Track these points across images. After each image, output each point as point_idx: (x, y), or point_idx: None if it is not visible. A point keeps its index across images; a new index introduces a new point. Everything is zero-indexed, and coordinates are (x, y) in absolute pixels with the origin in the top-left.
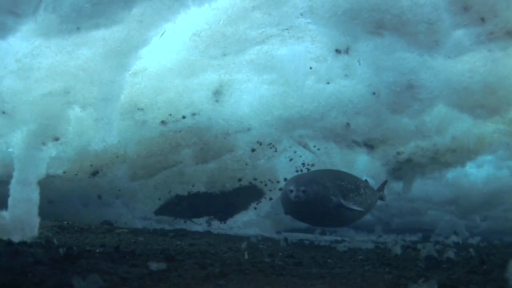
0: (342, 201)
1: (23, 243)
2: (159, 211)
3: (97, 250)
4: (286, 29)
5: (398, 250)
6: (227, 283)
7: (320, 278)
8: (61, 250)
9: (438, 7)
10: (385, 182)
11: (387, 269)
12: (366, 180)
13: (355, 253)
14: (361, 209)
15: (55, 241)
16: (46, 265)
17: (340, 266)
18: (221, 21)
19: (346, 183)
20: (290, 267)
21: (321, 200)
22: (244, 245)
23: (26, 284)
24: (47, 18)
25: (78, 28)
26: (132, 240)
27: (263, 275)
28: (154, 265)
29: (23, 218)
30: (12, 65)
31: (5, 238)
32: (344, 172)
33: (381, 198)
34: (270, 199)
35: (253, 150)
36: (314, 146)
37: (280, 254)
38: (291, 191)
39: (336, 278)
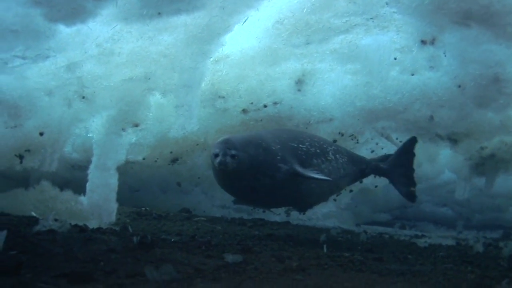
0: (298, 167)
1: (96, 230)
2: (238, 200)
3: (172, 239)
4: (371, 18)
5: (479, 247)
6: (304, 278)
7: (400, 275)
8: (135, 239)
9: None
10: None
11: (469, 268)
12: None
13: (435, 250)
14: (327, 178)
15: (130, 228)
16: (118, 253)
17: (420, 263)
18: (305, 9)
19: (308, 146)
20: (369, 262)
21: (263, 168)
22: (322, 237)
23: (98, 273)
24: (128, 3)
25: (159, 13)
26: (210, 229)
27: (342, 270)
28: (230, 257)
29: (101, 203)
30: (93, 49)
31: (81, 223)
32: (306, 133)
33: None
34: (350, 191)
35: (334, 141)
36: (397, 138)
37: (359, 247)
38: (216, 155)
39: (417, 276)
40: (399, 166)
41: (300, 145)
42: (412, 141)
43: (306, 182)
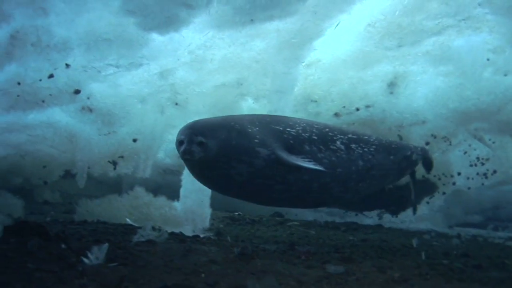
0: (281, 152)
1: (195, 240)
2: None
3: (273, 250)
4: (463, 19)
5: None
6: None
7: (501, 283)
8: (235, 250)
9: None
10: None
11: None
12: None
13: None
14: (318, 167)
15: (229, 238)
16: (219, 265)
17: None
18: (397, 12)
19: (300, 131)
20: (469, 270)
21: (238, 154)
22: (414, 241)
23: (200, 285)
24: (220, 10)
25: (252, 20)
26: (304, 235)
27: (443, 280)
28: (332, 268)
29: (194, 209)
30: (185, 56)
31: (176, 230)
32: (303, 119)
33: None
34: (444, 193)
35: (427, 143)
36: (489, 140)
37: (454, 252)
38: (180, 143)
39: None
40: None
41: (288, 129)
42: None
43: (294, 172)
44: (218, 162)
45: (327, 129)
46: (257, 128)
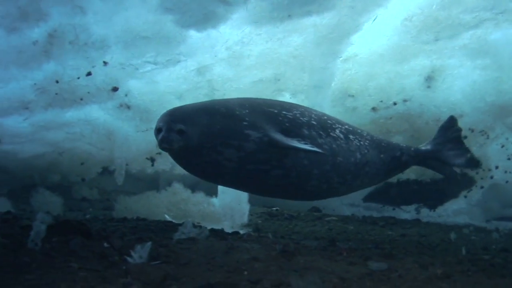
0: (274, 134)
1: (237, 238)
2: (368, 198)
3: (314, 246)
4: (500, 12)
5: None
6: (450, 286)
7: None
8: (277, 247)
9: None
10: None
11: None
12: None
13: None
14: (315, 149)
15: (270, 235)
16: (262, 262)
17: None
18: (434, 6)
19: (297, 115)
20: (510, 265)
21: (224, 138)
22: (452, 235)
23: (243, 283)
24: (258, 6)
25: (289, 16)
26: (342, 230)
27: (485, 276)
28: (374, 265)
29: (233, 205)
30: (223, 53)
31: (215, 226)
32: (302, 106)
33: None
34: (481, 187)
35: (464, 137)
36: None
37: (494, 247)
38: (158, 130)
39: None
40: (447, 141)
41: (284, 112)
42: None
43: (292, 156)
44: (202, 149)
45: (325, 117)
46: (247, 111)
